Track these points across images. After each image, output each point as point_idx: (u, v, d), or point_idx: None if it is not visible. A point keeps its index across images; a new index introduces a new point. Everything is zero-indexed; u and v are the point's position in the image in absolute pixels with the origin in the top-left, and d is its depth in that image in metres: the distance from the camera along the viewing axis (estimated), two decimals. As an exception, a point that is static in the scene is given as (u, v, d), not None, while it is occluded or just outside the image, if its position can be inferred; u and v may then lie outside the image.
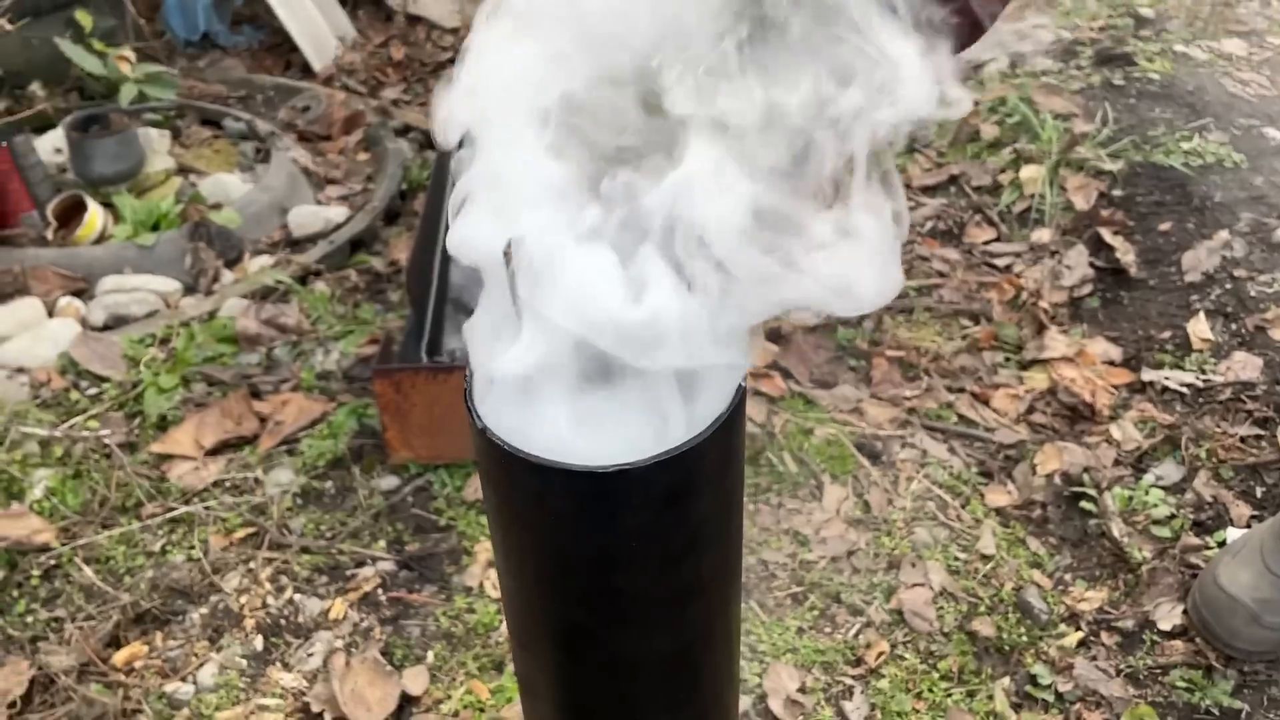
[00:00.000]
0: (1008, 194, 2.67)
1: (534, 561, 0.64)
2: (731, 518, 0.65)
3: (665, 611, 0.65)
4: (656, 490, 0.59)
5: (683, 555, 0.62)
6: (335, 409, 2.08)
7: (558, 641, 0.67)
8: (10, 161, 2.49)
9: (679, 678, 0.68)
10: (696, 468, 0.59)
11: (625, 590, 0.63)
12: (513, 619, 0.71)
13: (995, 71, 3.12)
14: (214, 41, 3.48)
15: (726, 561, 0.66)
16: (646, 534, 0.60)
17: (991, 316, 2.35)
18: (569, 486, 0.58)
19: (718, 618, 0.68)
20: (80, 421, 2.00)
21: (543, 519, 0.61)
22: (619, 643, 0.65)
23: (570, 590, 0.64)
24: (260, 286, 2.32)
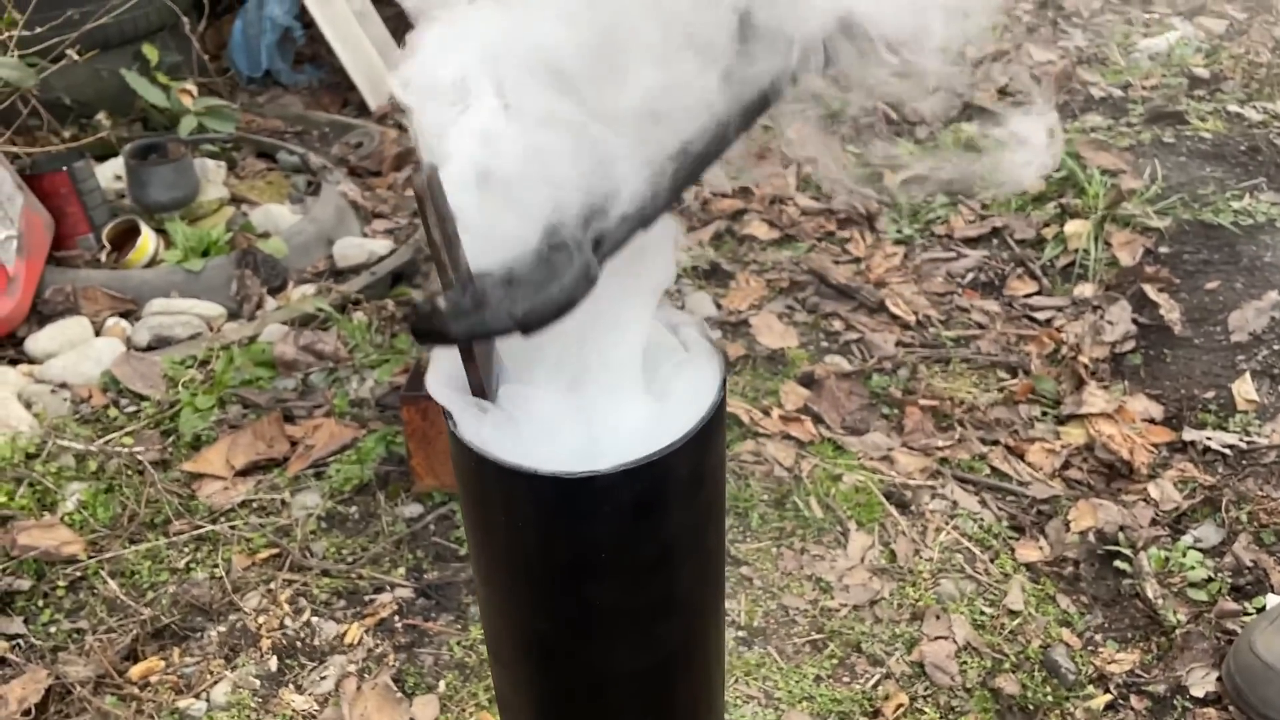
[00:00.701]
0: (1051, 248, 2.65)
1: (505, 570, 0.64)
2: (708, 532, 0.64)
3: (637, 627, 0.64)
4: (625, 499, 0.58)
5: (655, 568, 0.62)
6: (365, 435, 2.10)
7: (528, 654, 0.66)
8: (70, 186, 2.57)
9: (654, 699, 0.67)
10: (667, 478, 0.59)
11: (595, 602, 0.62)
12: (488, 630, 0.70)
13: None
14: (276, 79, 3.59)
15: (704, 578, 0.65)
16: (616, 544, 0.60)
17: (1030, 370, 2.32)
18: (535, 492, 0.58)
19: (695, 637, 0.67)
20: (116, 437, 2.04)
21: (512, 525, 0.61)
22: (589, 658, 0.65)
23: (539, 601, 0.63)
24: (301, 314, 2.36)
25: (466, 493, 0.62)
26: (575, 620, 0.63)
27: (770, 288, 2.60)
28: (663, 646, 0.66)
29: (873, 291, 2.54)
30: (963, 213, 2.83)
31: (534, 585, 0.63)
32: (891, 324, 2.48)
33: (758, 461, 2.08)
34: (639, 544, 0.60)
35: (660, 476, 0.58)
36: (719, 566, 0.68)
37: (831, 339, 2.45)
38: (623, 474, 0.56)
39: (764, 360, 2.36)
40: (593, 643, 0.64)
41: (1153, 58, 3.46)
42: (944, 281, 2.61)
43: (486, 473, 0.59)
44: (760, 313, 2.50)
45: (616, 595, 0.62)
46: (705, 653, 0.69)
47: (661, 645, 0.66)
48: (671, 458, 0.57)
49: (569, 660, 0.65)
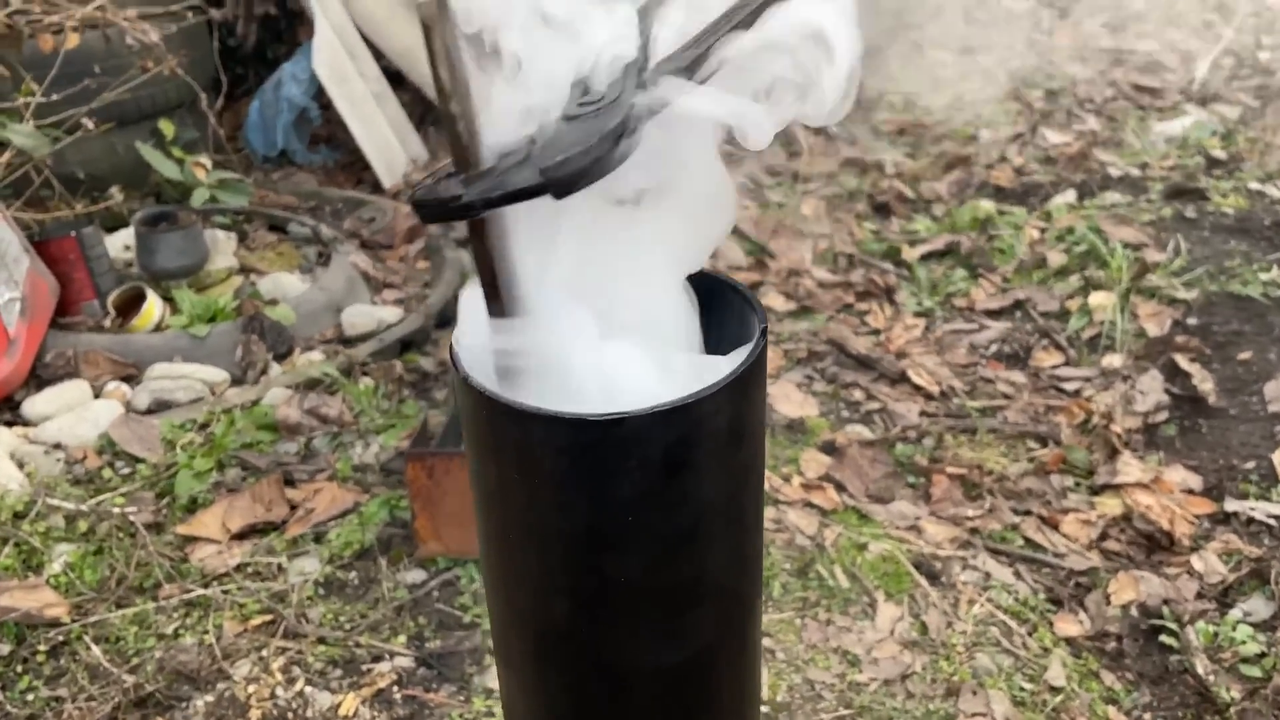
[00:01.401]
0: (1076, 319, 2.58)
1: (516, 544, 0.55)
2: (746, 506, 0.56)
3: (665, 614, 0.55)
4: (654, 450, 0.50)
5: (686, 541, 0.53)
6: (368, 500, 2.01)
7: (541, 649, 0.57)
8: (78, 251, 2.54)
9: (682, 705, 0.58)
10: (702, 427, 0.51)
11: (616, 580, 0.54)
12: (496, 628, 0.62)
13: (1062, 203, 3.08)
14: (291, 159, 3.60)
15: (740, 563, 0.57)
16: (643, 507, 0.52)
17: (1060, 440, 2.23)
18: (553, 440, 0.50)
19: (729, 632, 0.58)
20: (109, 498, 1.96)
21: (526, 485, 0.53)
22: (609, 652, 0.56)
23: (554, 579, 0.55)
24: (306, 378, 2.30)
25: (476, 451, 0.55)
26: (594, 603, 0.54)
27: (788, 358, 2.53)
28: (693, 640, 0.57)
29: (893, 362, 2.47)
30: (983, 286, 2.78)
31: (548, 560, 0.55)
32: (914, 394, 2.40)
33: (779, 529, 1.99)
34: (669, 508, 0.52)
35: (695, 424, 0.50)
36: (756, 554, 0.59)
37: (852, 408, 2.37)
38: (654, 417, 0.49)
39: (783, 429, 2.28)
40: (614, 631, 0.55)
41: (1168, 140, 3.46)
42: (967, 353, 2.54)
43: (498, 421, 0.51)
44: (778, 382, 2.43)
45: (641, 572, 0.54)
46: (741, 654, 0.60)
47: (691, 638, 0.57)
48: (708, 402, 0.50)
49: (586, 655, 0.56)
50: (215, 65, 3.41)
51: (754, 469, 0.57)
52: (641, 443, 0.50)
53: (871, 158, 3.46)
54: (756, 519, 0.59)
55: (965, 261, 2.89)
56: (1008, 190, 3.21)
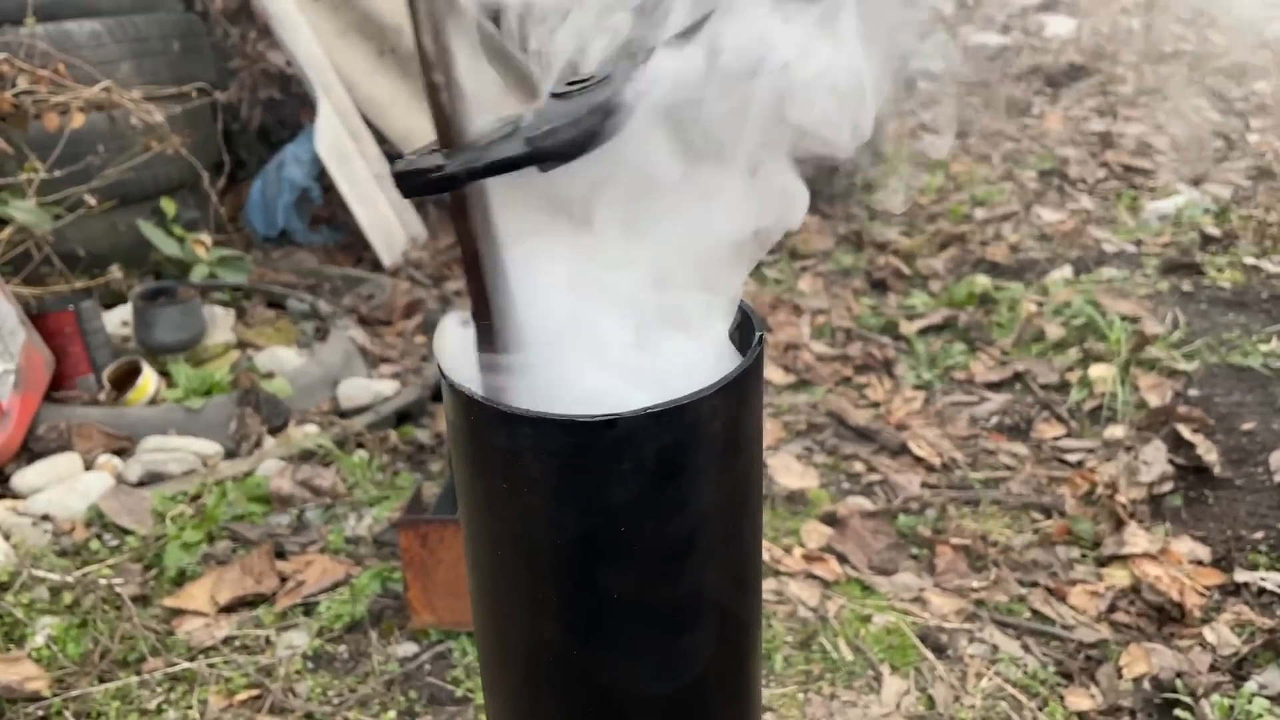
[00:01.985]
0: (1077, 391, 2.57)
1: (504, 558, 0.53)
2: (743, 522, 0.54)
3: (661, 635, 0.52)
4: (648, 453, 0.48)
5: (681, 555, 0.51)
6: (360, 572, 1.97)
7: (531, 673, 0.54)
8: (75, 325, 2.54)
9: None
10: (698, 430, 0.49)
11: (610, 596, 0.51)
12: (483, 653, 0.59)
13: (1059, 278, 3.09)
14: (291, 239, 3.62)
15: (739, 584, 0.54)
16: (637, 515, 0.49)
17: (1064, 511, 2.19)
18: (542, 443, 0.48)
19: (728, 658, 0.55)
20: (96, 570, 1.91)
21: (514, 493, 0.51)
22: (604, 676, 0.53)
23: (545, 594, 0.52)
24: (300, 450, 2.27)
25: (463, 463, 0.53)
26: (588, 623, 0.52)
27: (788, 430, 2.51)
28: (692, 665, 0.54)
29: (894, 434, 2.45)
30: (982, 359, 2.77)
31: (539, 576, 0.52)
32: (915, 466, 2.37)
33: (780, 601, 1.94)
34: (664, 517, 0.50)
35: (690, 426, 0.48)
36: (756, 577, 0.57)
37: (853, 480, 2.34)
38: (647, 418, 0.47)
39: (783, 500, 2.25)
40: (609, 655, 0.52)
41: (1162, 218, 3.49)
42: (967, 425, 2.52)
43: (485, 425, 0.49)
44: (778, 453, 2.40)
45: (637, 588, 0.51)
46: (741, 683, 0.56)
47: (691, 663, 0.54)
48: (703, 404, 0.48)
49: (580, 680, 0.53)
50: (219, 146, 3.45)
51: (751, 483, 0.55)
52: (634, 445, 0.48)
53: (868, 236, 3.49)
54: (755, 539, 0.56)
55: (963, 335, 2.88)
56: (1003, 266, 3.23)
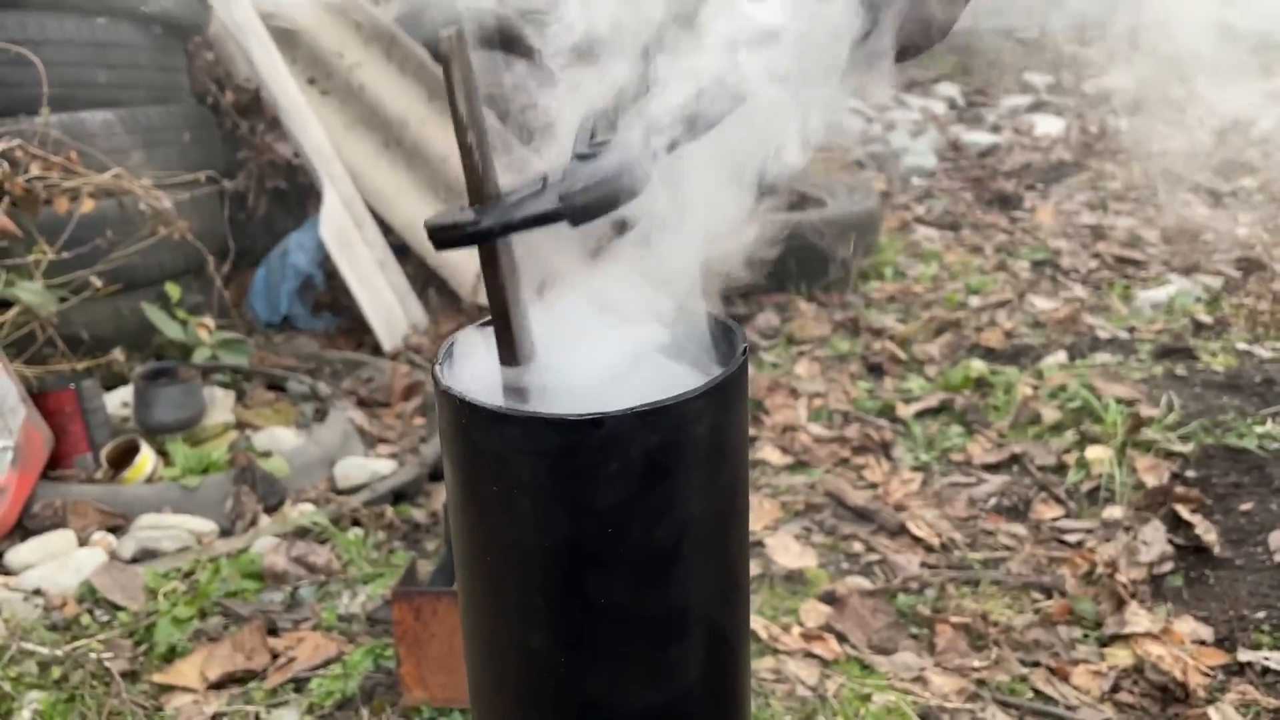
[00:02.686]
0: (1074, 473, 2.57)
1: (493, 565, 0.53)
2: (730, 533, 0.55)
3: (649, 645, 0.53)
4: (635, 453, 0.49)
5: (669, 563, 0.52)
6: (353, 649, 1.94)
7: (519, 686, 0.54)
8: (75, 404, 2.55)
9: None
10: (683, 433, 0.50)
11: (599, 603, 0.51)
12: (470, 666, 0.58)
13: (1053, 363, 3.11)
14: (293, 324, 3.66)
15: (726, 596, 0.55)
16: (623, 518, 0.50)
17: (1065, 590, 2.17)
18: (532, 443, 0.49)
19: (717, 672, 0.55)
20: (86, 645, 1.89)
21: (505, 497, 0.51)
22: (592, 685, 0.53)
23: (533, 601, 0.53)
24: (296, 527, 2.26)
25: (453, 465, 0.53)
26: (576, 631, 0.52)
27: (785, 510, 2.50)
28: (679, 677, 0.54)
29: (892, 514, 2.44)
30: (979, 441, 2.78)
31: (529, 583, 0.52)
32: (914, 545, 2.36)
33: (778, 680, 1.91)
34: (651, 522, 0.51)
35: (676, 427, 0.49)
36: (744, 595, 0.57)
37: (852, 560, 2.32)
38: (634, 417, 0.48)
39: (781, 579, 2.23)
40: (597, 665, 0.52)
41: (1154, 306, 3.53)
42: (966, 506, 2.51)
43: (477, 427, 0.50)
44: (776, 533, 2.39)
45: (626, 595, 0.51)
46: (729, 701, 0.56)
47: (678, 675, 0.54)
48: (688, 406, 0.49)
49: (569, 691, 0.53)
50: (225, 234, 3.52)
51: (737, 493, 0.55)
52: (622, 446, 0.49)
53: (864, 322, 3.52)
54: (741, 552, 0.57)
55: (960, 418, 2.89)
56: (999, 351, 3.26)
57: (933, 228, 4.66)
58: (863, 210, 3.91)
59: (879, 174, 5.61)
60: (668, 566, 0.52)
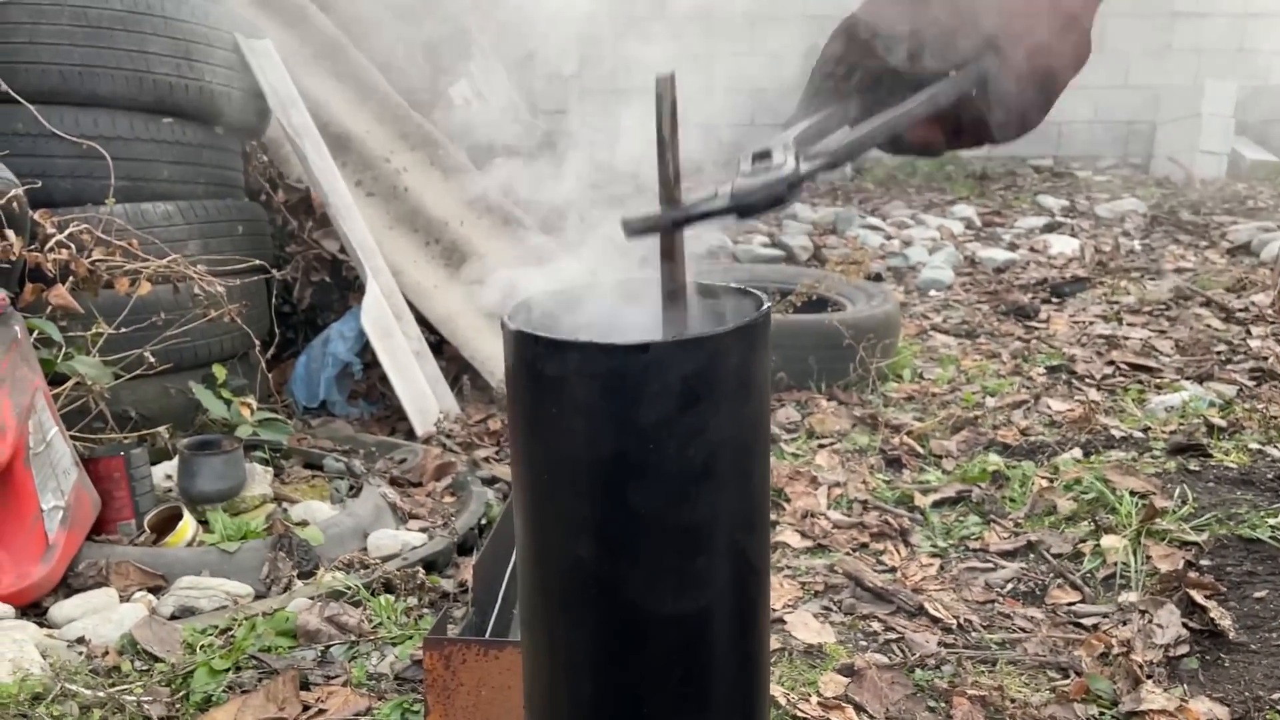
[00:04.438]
0: (1090, 560, 2.61)
1: (548, 481, 0.63)
2: (753, 460, 0.64)
3: (677, 554, 0.62)
4: (673, 378, 0.59)
5: (701, 478, 0.61)
6: (381, 705, 2.00)
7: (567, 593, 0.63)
8: (123, 471, 2.66)
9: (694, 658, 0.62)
10: (716, 364, 0.60)
11: (638, 513, 0.61)
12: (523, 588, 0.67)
13: (1069, 458, 3.18)
14: (330, 410, 3.79)
15: (747, 517, 0.64)
16: (662, 435, 0.60)
17: (1081, 670, 2.20)
18: (587, 366, 0.59)
19: (737, 586, 0.63)
20: (126, 689, 1.96)
21: (562, 416, 0.61)
22: (627, 589, 0.61)
23: (582, 510, 0.62)
24: (330, 589, 2.34)
25: (516, 395, 0.63)
26: (618, 540, 0.61)
27: (805, 590, 2.55)
28: (705, 588, 0.62)
29: (910, 596, 2.49)
30: (996, 530, 2.83)
31: (578, 493, 0.61)
32: (932, 626, 2.40)
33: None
34: (686, 440, 0.60)
35: (709, 358, 0.59)
36: (763, 526, 0.66)
37: (870, 638, 2.36)
38: (674, 345, 0.58)
39: (800, 654, 2.27)
40: (634, 571, 0.61)
41: (1168, 410, 3.60)
42: (983, 590, 2.56)
43: (541, 356, 0.60)
44: (796, 611, 2.44)
45: (660, 505, 0.60)
46: (749, 622, 0.64)
47: (704, 586, 0.62)
48: (721, 340, 0.59)
49: (610, 596, 0.62)
50: (270, 322, 3.68)
51: (760, 428, 0.65)
52: (663, 369, 0.59)
53: (883, 419, 3.61)
54: (763, 486, 0.66)
55: (977, 508, 2.95)
56: (1015, 448, 3.33)
57: (950, 335, 4.78)
58: (881, 314, 4.04)
59: (897, 286, 5.76)
60: (698, 482, 0.61)
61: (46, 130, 3.06)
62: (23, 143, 3.06)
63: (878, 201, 8.36)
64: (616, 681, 0.64)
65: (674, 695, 0.64)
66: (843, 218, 7.29)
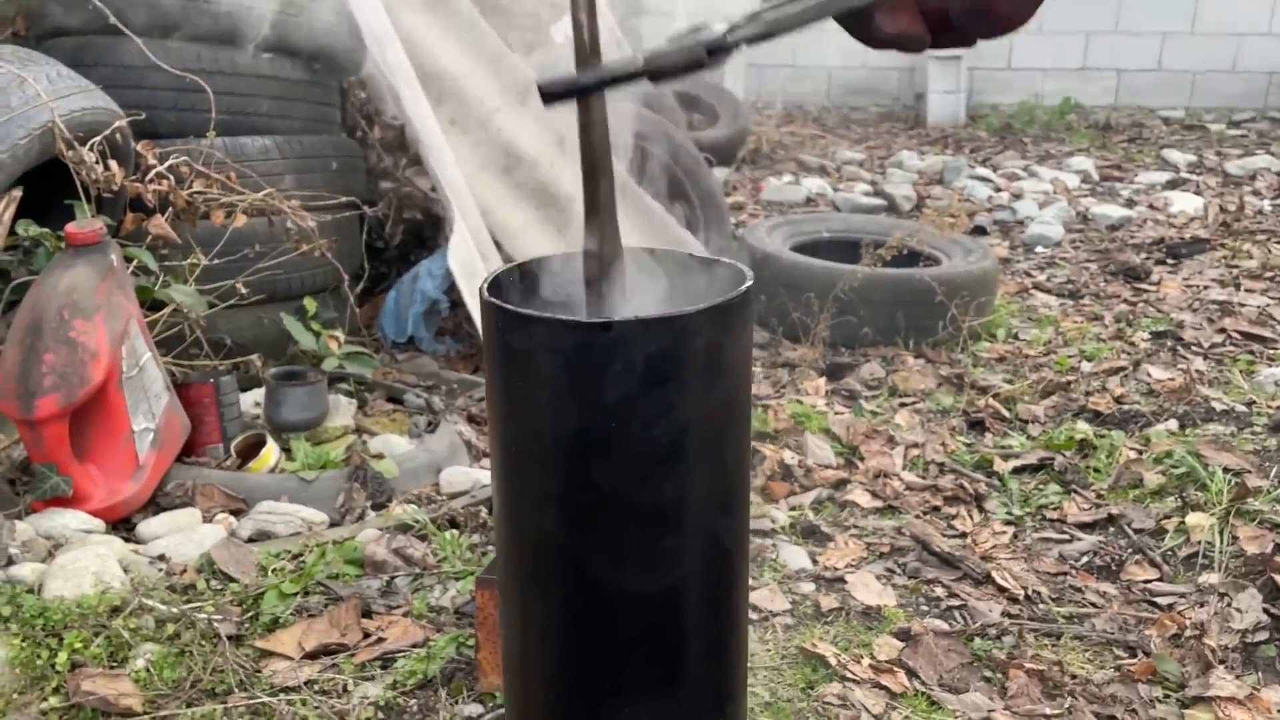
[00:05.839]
0: (1172, 537, 2.52)
1: (518, 453, 0.63)
2: (726, 441, 0.63)
3: (643, 533, 0.61)
4: (637, 357, 0.58)
5: (667, 459, 0.60)
6: (438, 636, 2.06)
7: (535, 566, 0.63)
8: (213, 397, 2.77)
9: (664, 637, 0.62)
10: (682, 345, 0.59)
11: (603, 490, 0.60)
12: (500, 558, 0.67)
13: (1163, 430, 3.05)
14: (417, 346, 3.86)
15: (720, 500, 0.62)
16: (626, 415, 0.59)
17: (1150, 650, 2.14)
18: (551, 341, 0.59)
19: (708, 568, 0.62)
20: (199, 607, 2.06)
21: (529, 391, 0.61)
22: (593, 566, 0.61)
23: (547, 486, 0.62)
24: (398, 523, 2.41)
25: (491, 365, 0.63)
26: (581, 514, 0.60)
27: (870, 550, 2.52)
28: (672, 568, 0.62)
29: (978, 563, 2.44)
30: (1076, 500, 2.75)
31: (545, 467, 0.61)
32: (998, 595, 2.35)
33: (843, 705, 1.94)
34: (650, 421, 0.59)
35: (674, 338, 0.58)
36: (739, 505, 0.64)
37: (932, 603, 2.33)
38: (638, 324, 0.57)
39: (858, 614, 2.26)
40: (599, 547, 0.61)
41: (1278, 384, 3.42)
42: (1055, 562, 2.49)
43: (508, 328, 0.60)
44: (858, 572, 2.42)
45: (625, 483, 0.60)
46: (721, 602, 0.63)
47: (671, 566, 0.61)
48: (687, 320, 0.58)
49: (575, 571, 0.62)
50: (361, 257, 3.76)
51: (735, 407, 0.63)
52: (626, 348, 0.58)
53: (970, 379, 3.52)
54: (738, 465, 0.64)
55: (1059, 477, 2.87)
56: (1106, 416, 3.21)
57: (1051, 295, 4.61)
58: (978, 270, 3.91)
59: (1001, 241, 5.57)
60: (664, 463, 0.60)
61: (151, 63, 3.14)
62: (129, 75, 3.16)
63: (990, 151, 8.06)
64: (583, 654, 0.64)
65: (641, 672, 0.64)
66: (950, 167, 7.06)
